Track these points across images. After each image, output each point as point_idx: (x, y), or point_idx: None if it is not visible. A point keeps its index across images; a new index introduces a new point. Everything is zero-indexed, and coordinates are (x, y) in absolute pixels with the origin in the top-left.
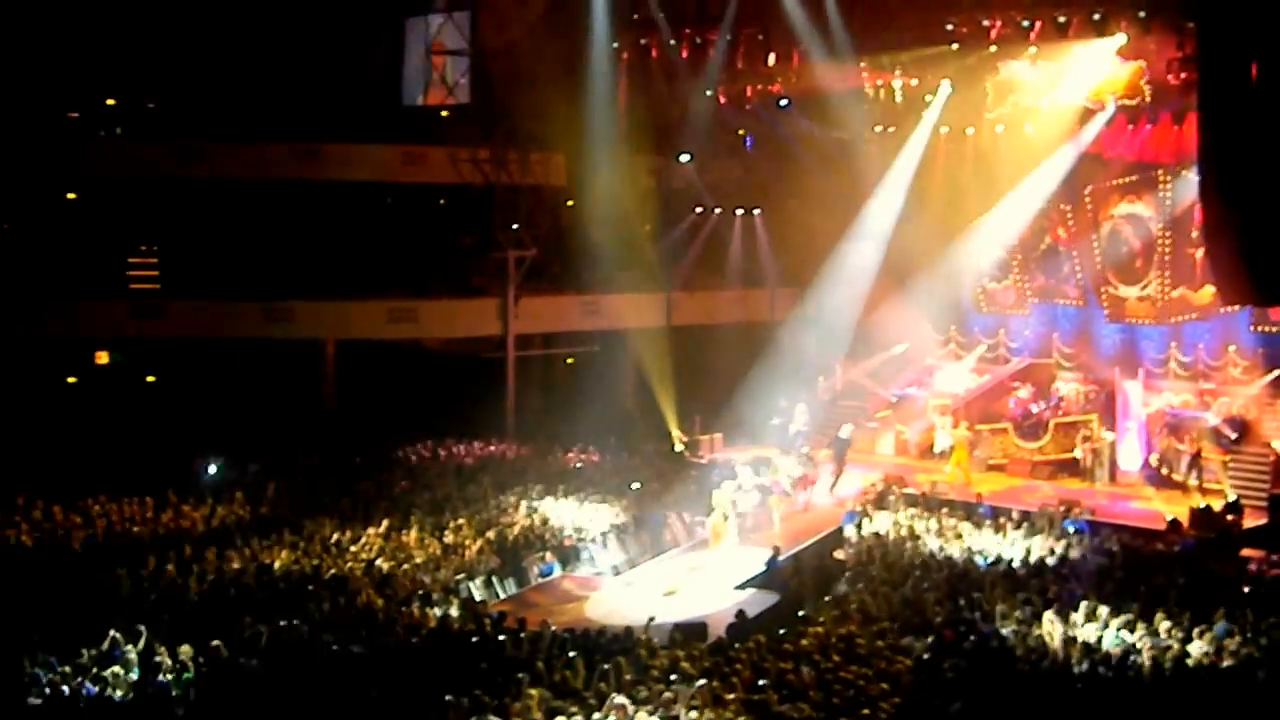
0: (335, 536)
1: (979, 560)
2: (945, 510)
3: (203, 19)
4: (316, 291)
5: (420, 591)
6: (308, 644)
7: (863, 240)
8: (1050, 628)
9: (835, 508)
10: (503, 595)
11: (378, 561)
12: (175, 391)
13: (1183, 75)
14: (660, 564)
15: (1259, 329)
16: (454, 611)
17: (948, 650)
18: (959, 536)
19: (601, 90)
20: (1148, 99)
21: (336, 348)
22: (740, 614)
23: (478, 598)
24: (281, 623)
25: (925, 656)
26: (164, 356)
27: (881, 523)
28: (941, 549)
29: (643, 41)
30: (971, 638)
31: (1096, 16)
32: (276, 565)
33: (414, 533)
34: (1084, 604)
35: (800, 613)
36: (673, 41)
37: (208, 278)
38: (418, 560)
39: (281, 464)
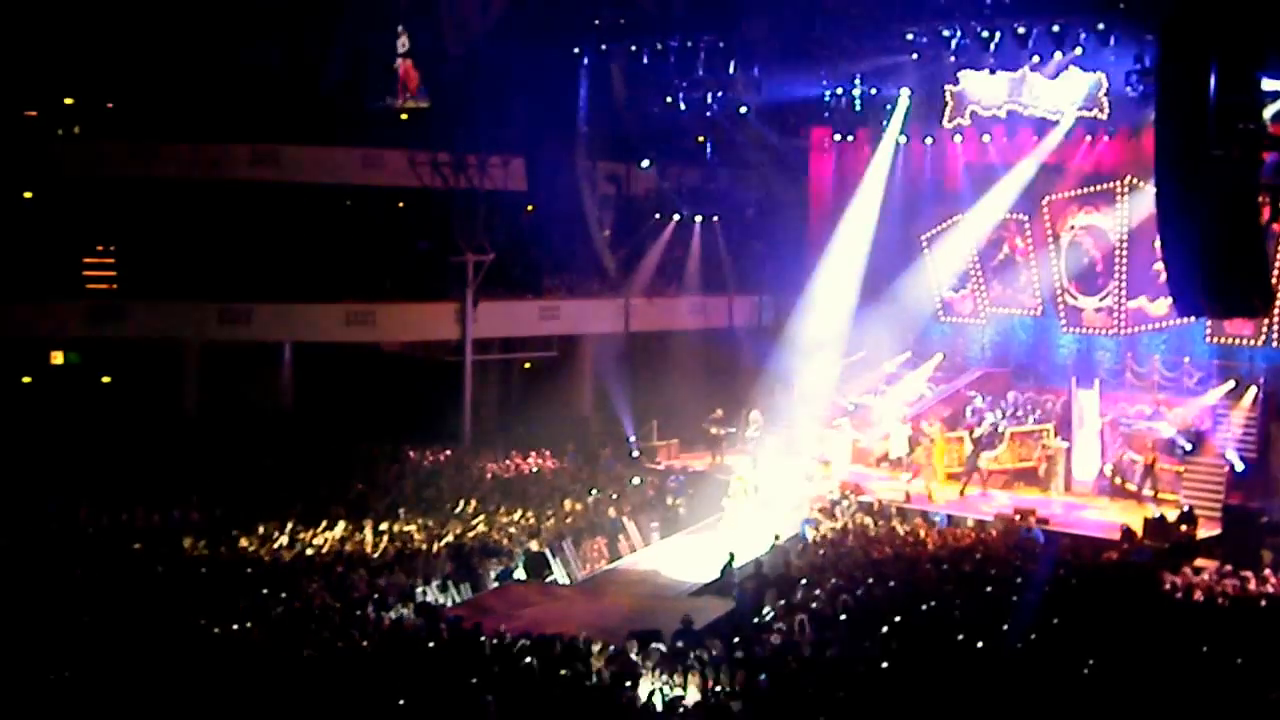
0: (290, 539)
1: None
2: (900, 518)
3: (162, 19)
4: (274, 294)
5: (375, 595)
6: (260, 646)
7: (822, 249)
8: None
9: (792, 513)
10: (458, 600)
11: (333, 565)
12: (132, 393)
13: (1141, 88)
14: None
15: (1214, 340)
16: (409, 615)
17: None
18: (915, 543)
19: (562, 95)
20: (1106, 111)
21: (294, 350)
22: (687, 621)
23: (433, 602)
24: (235, 625)
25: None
26: (121, 358)
27: (838, 529)
28: (897, 556)
29: (604, 47)
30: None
31: (1056, 28)
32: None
33: (369, 536)
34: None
35: (756, 619)
36: (634, 47)
37: (165, 279)
38: (373, 564)
39: (239, 465)
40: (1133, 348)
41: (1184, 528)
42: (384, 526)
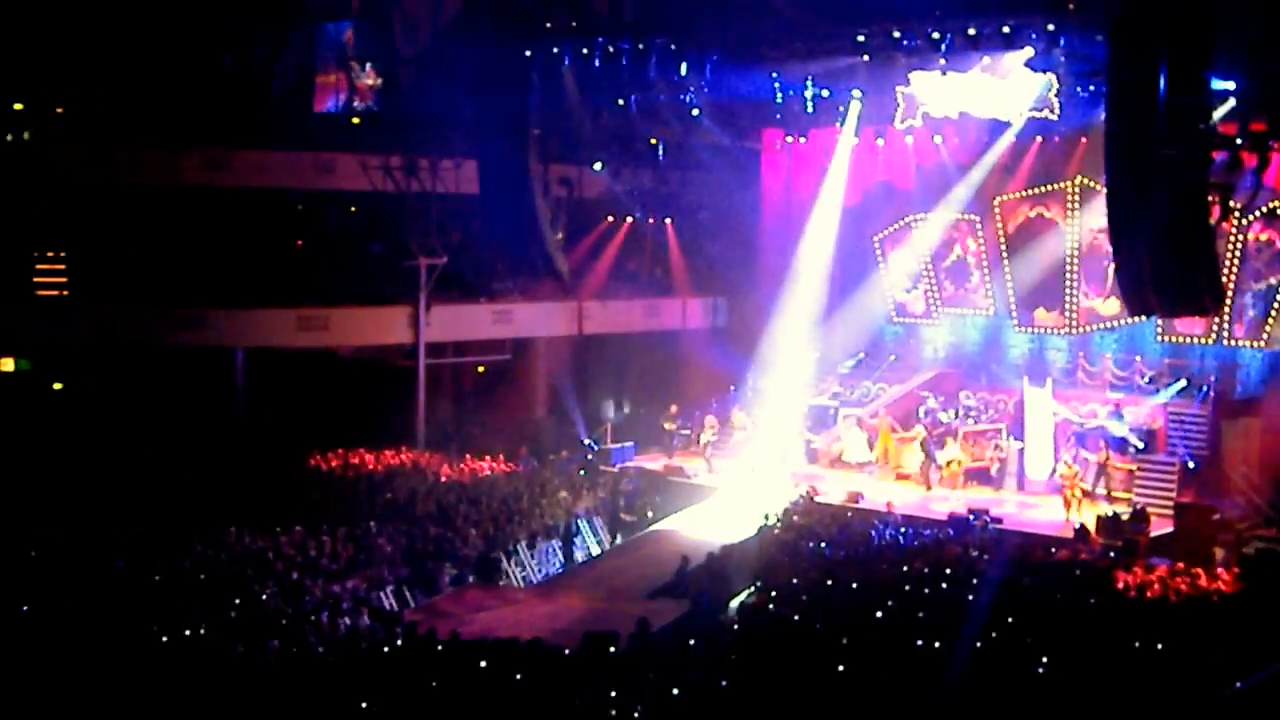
0: (244, 546)
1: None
2: (856, 518)
3: (113, 23)
4: (227, 299)
5: (331, 600)
6: (216, 651)
7: (775, 250)
8: None
9: (749, 514)
10: (413, 605)
11: (288, 570)
12: (83, 399)
13: (1092, 88)
14: None
15: (1166, 339)
16: (365, 621)
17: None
18: (871, 543)
19: (514, 98)
20: (1057, 112)
21: (247, 355)
22: (642, 623)
23: (389, 607)
24: (188, 631)
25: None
26: (72, 363)
27: (795, 530)
28: (854, 557)
29: (555, 50)
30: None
31: (1006, 29)
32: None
33: (325, 541)
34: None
35: (713, 620)
36: (585, 50)
37: (117, 284)
38: (328, 569)
39: (192, 471)
40: (1085, 347)
41: (1136, 526)
42: (339, 532)
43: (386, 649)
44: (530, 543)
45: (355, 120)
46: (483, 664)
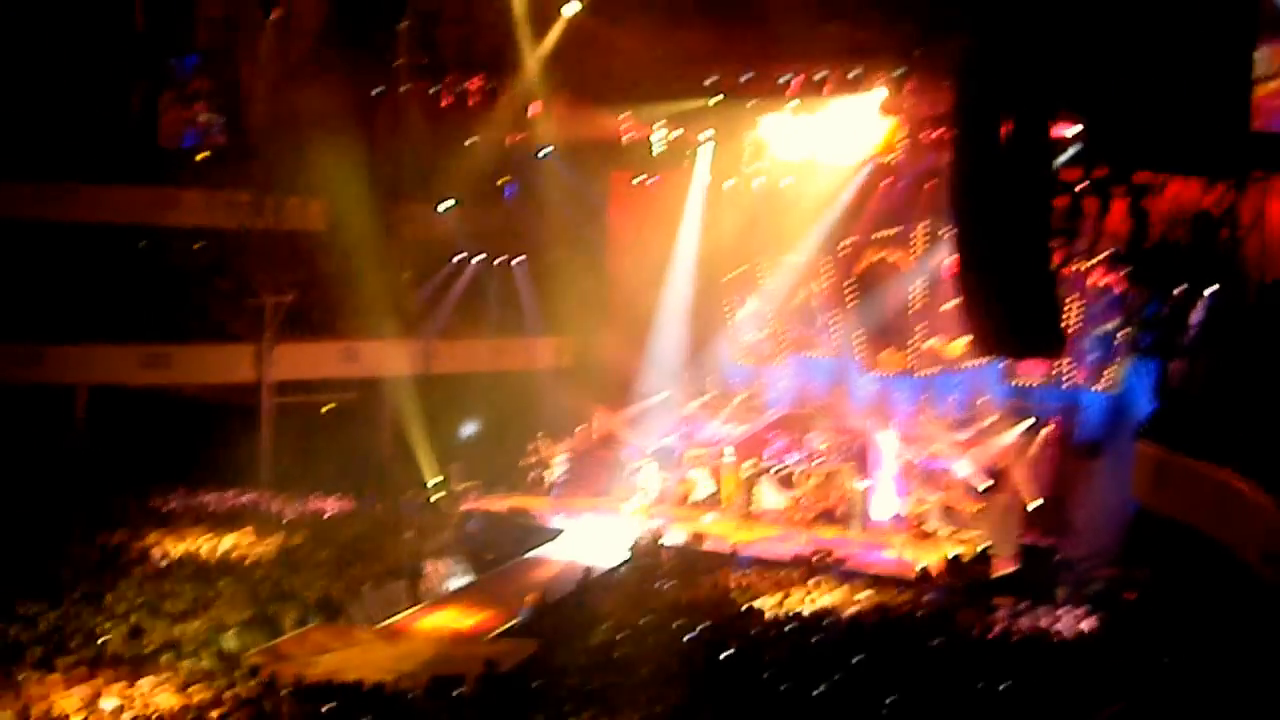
0: (84, 589)
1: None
2: (703, 559)
3: None
4: (67, 335)
5: (171, 644)
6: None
7: (623, 290)
8: None
9: (597, 554)
10: (255, 647)
11: (127, 612)
12: None
13: (936, 133)
14: None
15: (1009, 381)
16: (205, 664)
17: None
18: (718, 585)
19: (361, 136)
20: (903, 155)
21: (89, 393)
22: (490, 664)
23: (230, 649)
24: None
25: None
26: None
27: (644, 570)
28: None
29: (403, 88)
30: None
31: (853, 75)
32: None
33: (166, 582)
34: None
35: (561, 661)
36: (433, 89)
37: None
38: (170, 611)
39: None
40: (929, 388)
41: (980, 566)
42: (181, 573)
43: (229, 693)
44: (376, 583)
45: (201, 155)
46: (326, 708)
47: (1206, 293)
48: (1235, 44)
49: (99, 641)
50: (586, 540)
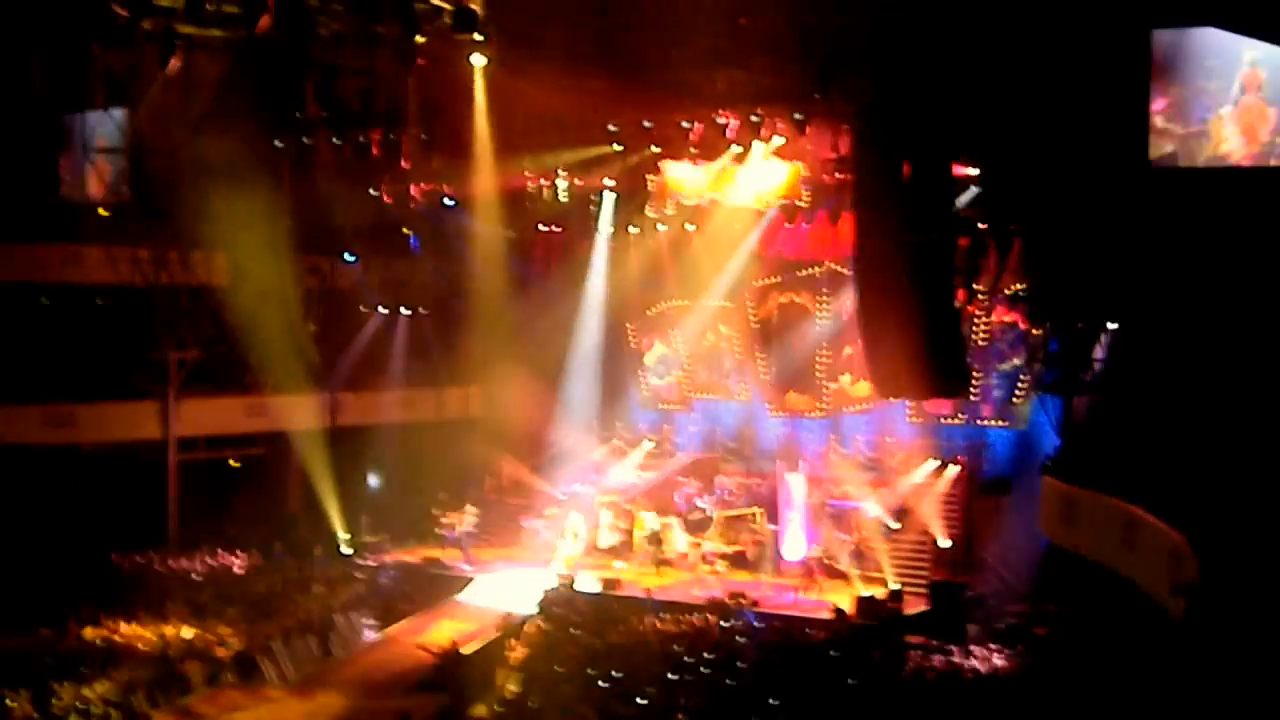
0: None
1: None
2: (615, 605)
3: None
4: None
5: (79, 704)
6: None
7: (531, 338)
8: None
9: (508, 604)
10: (166, 706)
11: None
12: None
13: (837, 175)
14: None
15: (916, 420)
16: None
17: None
18: (631, 631)
19: (264, 189)
20: (806, 199)
21: None
22: (402, 718)
23: (140, 710)
24: None
25: None
26: None
27: (555, 619)
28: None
29: (306, 140)
30: None
31: (754, 118)
32: None
33: (72, 642)
34: None
35: (474, 713)
36: (337, 141)
37: None
38: (80, 672)
39: None
40: (836, 429)
41: (892, 605)
42: (87, 633)
43: None
44: (286, 639)
45: (103, 211)
46: None
47: (1108, 329)
48: (1129, 87)
49: (4, 704)
50: (498, 590)
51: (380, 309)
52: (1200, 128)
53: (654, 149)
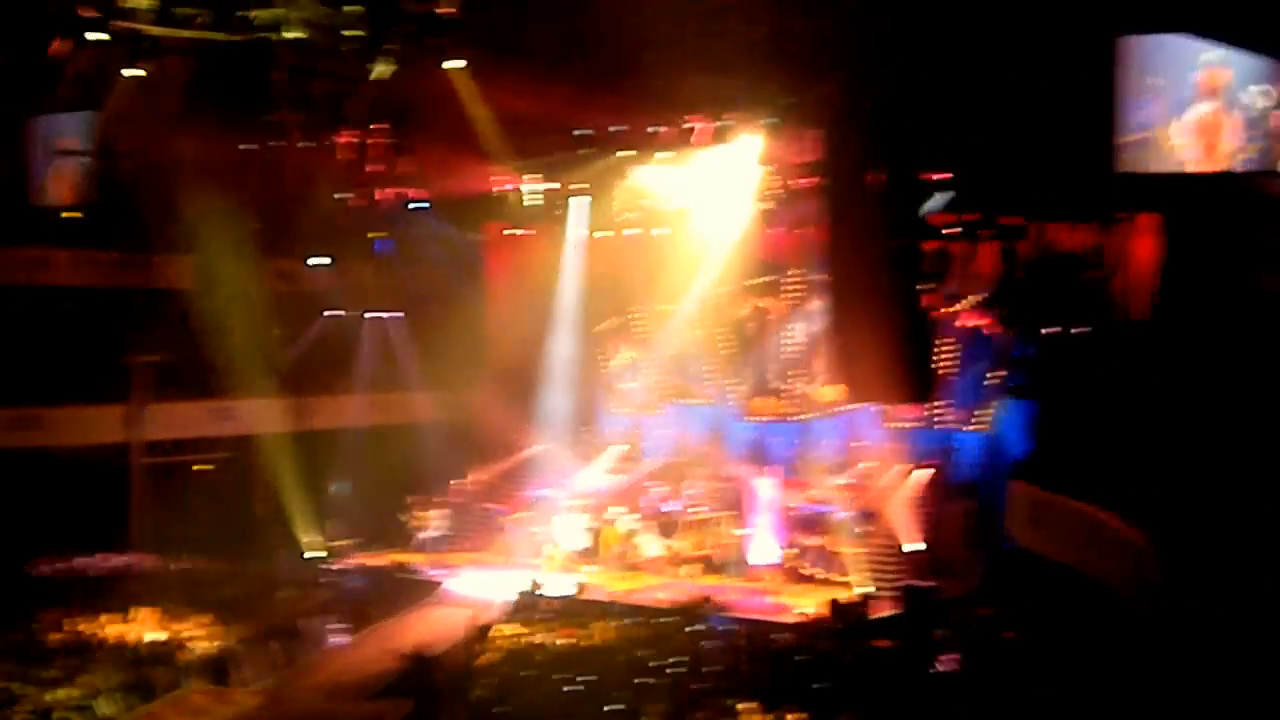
0: None
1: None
2: (583, 610)
3: None
4: None
5: (45, 710)
6: None
7: (500, 342)
8: None
9: (477, 607)
10: (131, 711)
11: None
12: None
13: (808, 180)
14: None
15: (885, 424)
16: None
17: None
18: (599, 636)
19: (232, 192)
20: (777, 203)
21: None
22: None
23: (105, 714)
24: None
25: None
26: None
27: (522, 625)
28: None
29: (273, 143)
30: None
31: (722, 124)
32: None
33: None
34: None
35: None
36: (304, 144)
37: None
38: (43, 677)
39: None
40: (805, 433)
41: (861, 609)
42: (52, 637)
43: None
44: (253, 643)
45: (69, 214)
46: None
47: (1074, 333)
48: (1096, 91)
49: None
50: (467, 594)
51: (348, 312)
52: (1149, 134)
53: (624, 153)
